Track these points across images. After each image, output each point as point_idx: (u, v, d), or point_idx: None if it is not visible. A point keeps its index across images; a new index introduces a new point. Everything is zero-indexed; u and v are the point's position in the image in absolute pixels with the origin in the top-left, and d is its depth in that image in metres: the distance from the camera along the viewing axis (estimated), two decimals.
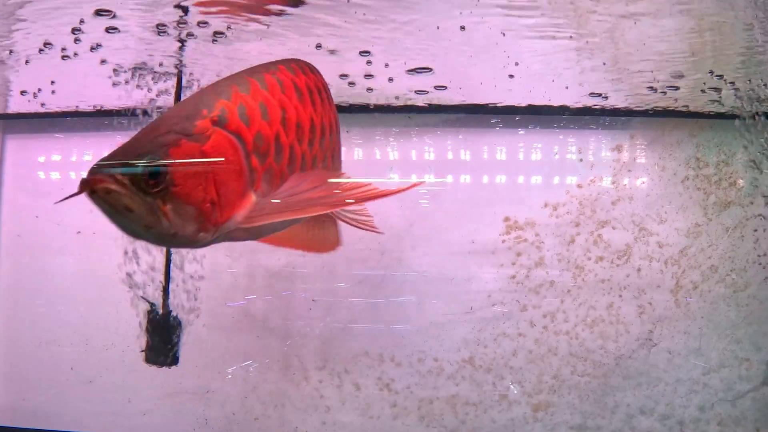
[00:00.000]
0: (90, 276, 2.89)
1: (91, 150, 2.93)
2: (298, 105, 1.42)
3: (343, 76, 2.33)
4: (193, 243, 1.28)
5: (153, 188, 1.18)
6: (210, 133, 1.26)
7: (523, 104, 2.66)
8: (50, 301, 2.95)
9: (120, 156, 1.20)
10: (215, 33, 1.98)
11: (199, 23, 1.91)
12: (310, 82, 1.50)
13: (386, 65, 2.22)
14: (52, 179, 2.98)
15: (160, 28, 1.94)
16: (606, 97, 2.56)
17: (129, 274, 2.40)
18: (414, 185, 1.59)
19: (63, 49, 2.13)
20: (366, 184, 1.39)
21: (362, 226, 1.57)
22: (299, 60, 1.56)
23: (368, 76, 2.33)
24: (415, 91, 2.52)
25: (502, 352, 2.75)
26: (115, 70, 2.35)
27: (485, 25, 1.93)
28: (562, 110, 2.67)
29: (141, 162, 1.17)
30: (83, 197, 1.17)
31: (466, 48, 2.14)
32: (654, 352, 2.69)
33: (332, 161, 1.59)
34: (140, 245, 2.33)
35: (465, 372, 2.76)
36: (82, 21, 1.90)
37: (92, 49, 2.13)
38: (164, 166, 1.18)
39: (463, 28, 1.89)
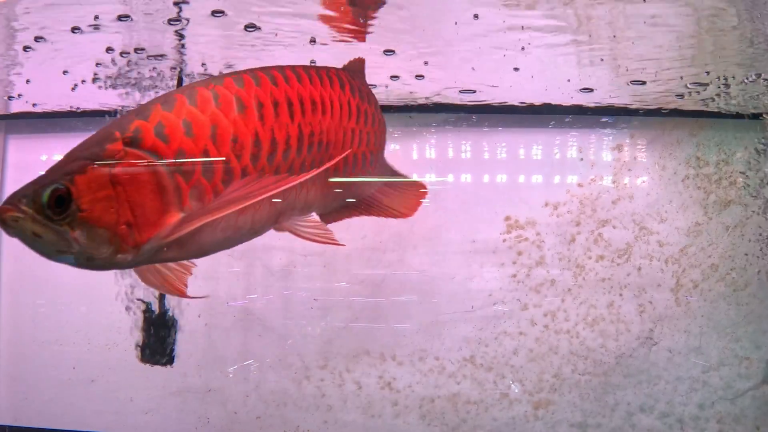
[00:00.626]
0: (91, 275, 2.88)
1: None
2: (237, 119, 1.37)
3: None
4: (114, 265, 1.30)
5: (59, 215, 1.21)
6: (121, 155, 1.26)
7: (524, 103, 2.67)
8: (52, 301, 2.96)
9: (32, 185, 1.24)
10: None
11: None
12: (263, 93, 1.42)
13: (427, 63, 2.23)
14: None
15: (173, 23, 1.94)
16: (606, 97, 2.57)
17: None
18: (328, 165, 1.52)
19: (52, 41, 2.13)
20: (285, 176, 1.39)
21: (323, 241, 1.54)
22: (280, 67, 1.50)
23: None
24: (460, 91, 2.53)
25: (503, 350, 2.75)
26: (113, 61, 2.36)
27: (485, 24, 1.93)
28: (563, 109, 2.68)
29: (46, 191, 1.21)
30: None
31: (468, 48, 2.14)
32: (654, 350, 2.70)
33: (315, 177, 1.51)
34: None
35: (466, 371, 2.76)
36: (97, 17, 1.90)
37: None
38: (68, 192, 1.21)
39: (476, 16, 1.87)
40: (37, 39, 2.07)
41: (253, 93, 1.41)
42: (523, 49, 2.13)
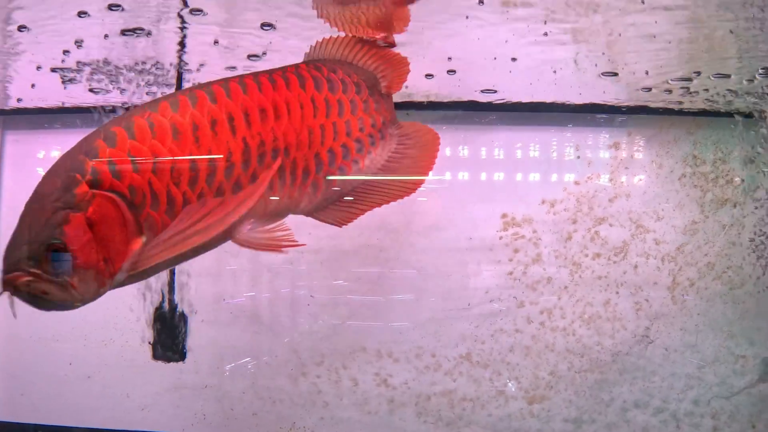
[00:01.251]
0: None
1: None
2: (173, 147, 1.40)
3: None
4: (95, 298, 1.40)
5: (58, 268, 1.31)
6: (89, 197, 1.34)
7: (521, 101, 2.67)
8: None
9: (24, 247, 1.31)
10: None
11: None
12: (199, 114, 1.42)
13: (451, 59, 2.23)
14: None
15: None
16: (603, 94, 2.57)
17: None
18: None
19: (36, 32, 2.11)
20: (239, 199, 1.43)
21: (281, 246, 1.59)
22: (224, 81, 1.48)
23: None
24: (481, 91, 2.53)
25: (499, 347, 2.76)
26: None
27: (482, 21, 1.93)
28: (561, 107, 2.68)
29: (43, 248, 1.30)
30: None
31: (466, 44, 2.14)
32: (650, 347, 2.71)
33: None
34: None
35: (462, 368, 2.77)
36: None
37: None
38: (63, 245, 1.30)
39: (483, 1, 1.85)
40: (20, 29, 2.06)
41: (188, 115, 1.42)
42: (508, 57, 2.14)
